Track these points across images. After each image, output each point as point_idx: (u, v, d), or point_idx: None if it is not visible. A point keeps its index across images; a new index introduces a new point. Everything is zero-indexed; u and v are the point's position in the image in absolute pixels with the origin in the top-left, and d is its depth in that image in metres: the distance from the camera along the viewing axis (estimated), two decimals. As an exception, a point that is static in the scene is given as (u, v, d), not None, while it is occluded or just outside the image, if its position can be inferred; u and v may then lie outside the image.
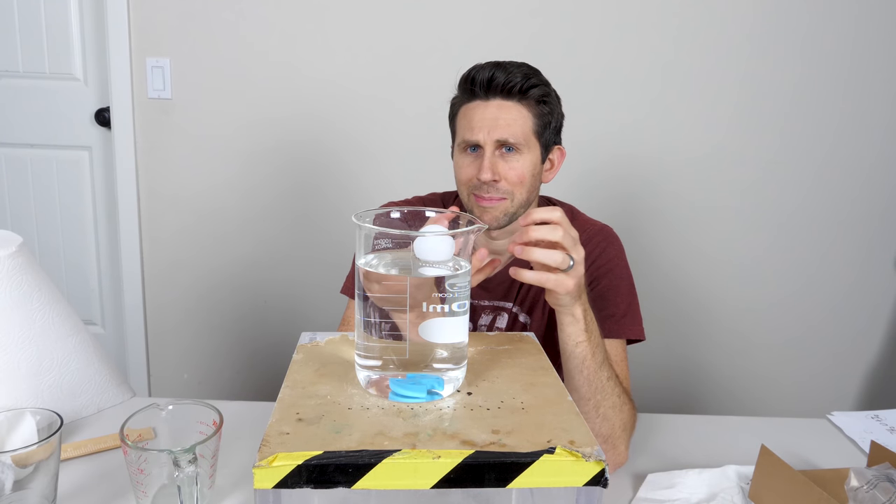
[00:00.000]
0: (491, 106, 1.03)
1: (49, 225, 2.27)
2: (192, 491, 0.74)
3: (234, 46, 2.04)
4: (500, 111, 1.03)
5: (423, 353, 0.62)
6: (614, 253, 1.11)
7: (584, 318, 0.86)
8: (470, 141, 1.04)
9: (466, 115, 1.06)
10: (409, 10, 2.01)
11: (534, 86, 1.03)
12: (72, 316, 1.02)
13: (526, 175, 1.05)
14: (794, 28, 2.02)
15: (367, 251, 0.63)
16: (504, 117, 1.03)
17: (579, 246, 0.80)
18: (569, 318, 0.85)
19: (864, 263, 2.20)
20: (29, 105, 2.17)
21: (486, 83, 1.02)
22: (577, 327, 0.85)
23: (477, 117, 1.04)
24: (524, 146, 1.04)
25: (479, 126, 1.03)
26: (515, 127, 1.03)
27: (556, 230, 0.78)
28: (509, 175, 1.04)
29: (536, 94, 1.04)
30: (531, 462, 0.53)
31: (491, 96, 1.03)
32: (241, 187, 2.14)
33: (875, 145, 2.11)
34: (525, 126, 1.04)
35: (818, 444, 1.06)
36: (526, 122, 1.04)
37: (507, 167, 1.04)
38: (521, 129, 1.03)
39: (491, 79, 1.02)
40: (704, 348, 2.25)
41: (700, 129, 2.08)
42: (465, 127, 1.05)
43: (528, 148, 1.05)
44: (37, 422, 0.77)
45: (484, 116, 1.03)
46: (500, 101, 1.03)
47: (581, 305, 0.85)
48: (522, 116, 1.04)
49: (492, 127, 1.02)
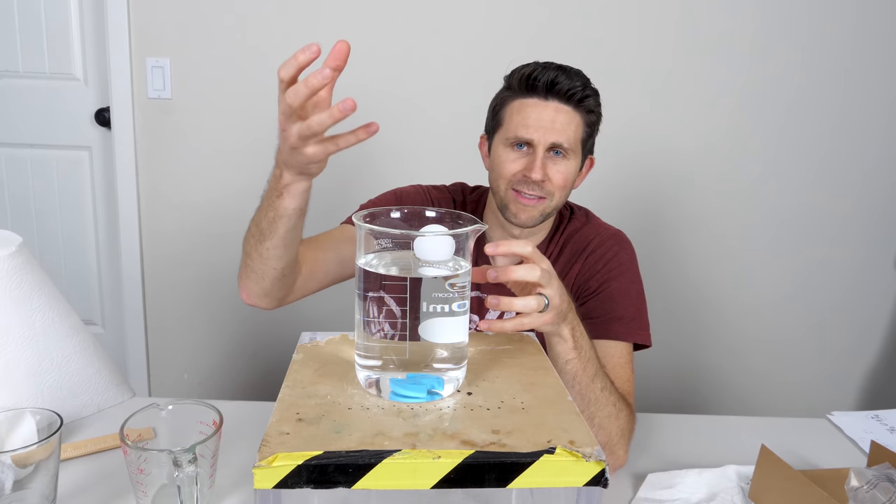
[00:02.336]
0: (549, 108, 1.04)
1: (49, 225, 2.27)
2: (192, 491, 0.74)
3: (234, 46, 2.04)
4: (557, 114, 1.04)
5: (423, 353, 0.62)
6: (626, 257, 1.12)
7: (571, 336, 0.84)
8: (523, 138, 1.05)
9: (522, 111, 1.06)
10: (409, 10, 2.01)
11: (588, 96, 1.06)
12: (72, 316, 1.02)
13: (569, 180, 1.08)
14: (794, 28, 2.02)
15: (368, 251, 0.63)
16: (560, 121, 1.04)
17: (553, 278, 0.78)
18: (556, 338, 0.84)
19: (864, 263, 2.20)
20: (29, 105, 2.17)
21: (549, 84, 1.04)
22: (565, 346, 0.85)
23: (534, 116, 1.04)
24: (571, 152, 1.06)
25: (535, 125, 1.04)
26: (569, 132, 1.05)
27: (534, 270, 0.75)
28: (556, 178, 1.06)
29: (590, 105, 1.06)
30: (531, 462, 0.53)
31: (550, 98, 1.05)
32: (241, 187, 2.14)
33: (875, 145, 2.11)
34: (576, 133, 1.06)
35: (818, 444, 1.06)
36: (577, 129, 1.06)
37: (554, 169, 1.06)
38: (574, 135, 1.06)
39: (554, 81, 1.03)
40: (704, 348, 2.25)
41: (698, 129, 2.08)
42: (520, 123, 1.06)
43: (574, 154, 1.07)
44: (37, 422, 0.77)
45: (541, 116, 1.04)
46: (558, 104, 1.05)
47: (568, 325, 0.83)
48: (575, 123, 1.06)
49: (548, 129, 1.04)
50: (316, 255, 1.08)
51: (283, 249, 0.94)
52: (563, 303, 0.79)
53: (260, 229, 0.92)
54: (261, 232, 0.92)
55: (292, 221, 0.89)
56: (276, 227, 0.90)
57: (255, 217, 0.94)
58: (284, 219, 0.88)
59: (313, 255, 1.07)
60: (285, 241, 0.92)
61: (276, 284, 1.01)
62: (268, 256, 0.95)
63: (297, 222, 0.91)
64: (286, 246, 0.93)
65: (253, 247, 0.96)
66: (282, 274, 0.99)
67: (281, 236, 0.91)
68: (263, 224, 0.91)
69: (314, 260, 1.08)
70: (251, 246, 0.96)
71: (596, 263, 1.10)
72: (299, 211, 0.89)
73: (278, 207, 0.87)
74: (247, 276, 1.01)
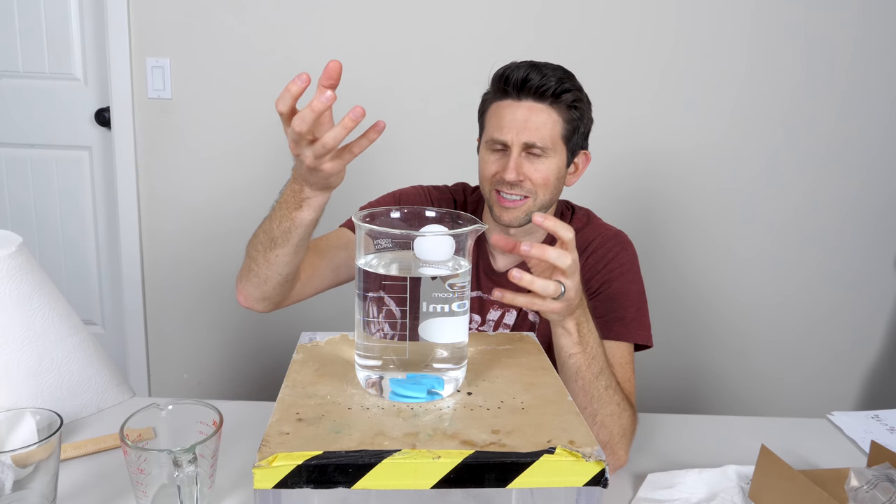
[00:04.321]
0: (522, 107, 1.03)
1: (49, 225, 2.27)
2: (192, 491, 0.74)
3: (234, 46, 2.04)
4: (530, 113, 1.03)
5: (423, 353, 0.62)
6: (627, 258, 1.11)
7: (576, 331, 0.84)
8: (498, 140, 1.05)
9: (497, 113, 1.05)
10: (410, 9, 2.01)
11: (566, 90, 1.03)
12: (72, 316, 1.02)
13: (550, 178, 1.06)
14: (793, 28, 2.02)
15: (368, 251, 0.63)
16: (534, 120, 1.03)
17: (577, 272, 0.78)
18: (560, 330, 0.84)
19: (864, 263, 2.20)
20: (29, 105, 2.17)
21: (519, 83, 1.02)
22: (569, 340, 0.85)
23: (507, 117, 1.04)
24: (551, 150, 1.04)
25: (508, 126, 1.03)
26: (544, 131, 1.03)
27: (566, 257, 0.75)
28: (534, 177, 1.04)
29: (568, 99, 1.04)
30: (531, 462, 0.53)
31: (523, 97, 1.03)
32: (241, 187, 2.14)
33: (875, 145, 2.11)
34: (554, 130, 1.04)
35: (818, 444, 1.06)
36: (555, 126, 1.04)
37: (532, 168, 1.04)
38: (550, 133, 1.04)
39: (525, 79, 1.02)
40: (704, 348, 2.25)
41: (698, 129, 2.08)
42: (495, 125, 1.05)
43: (555, 152, 1.05)
44: (37, 422, 0.77)
45: (514, 117, 1.03)
46: (531, 103, 1.03)
47: (574, 320, 0.83)
48: (552, 120, 1.04)
49: (521, 129, 1.02)
50: (314, 262, 1.09)
51: (292, 257, 0.96)
52: (576, 297, 0.80)
53: (271, 237, 0.94)
54: (272, 240, 0.94)
55: (308, 231, 0.92)
56: (291, 236, 0.91)
57: (265, 225, 0.95)
58: (300, 229, 0.90)
59: (311, 261, 1.08)
60: (297, 249, 0.94)
61: (277, 290, 1.02)
62: (276, 263, 0.96)
63: (311, 232, 0.93)
64: (296, 254, 0.95)
65: (261, 253, 0.97)
66: (285, 280, 1.00)
67: (294, 245, 0.93)
68: (276, 233, 0.92)
69: (312, 266, 1.09)
70: (258, 252, 0.97)
71: (597, 264, 1.10)
72: (315, 222, 0.91)
73: (295, 218, 0.89)
74: (248, 280, 1.02)
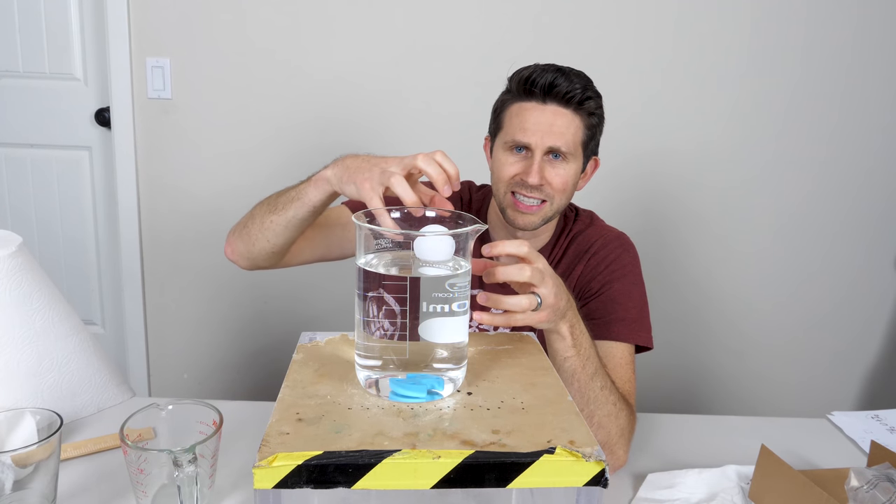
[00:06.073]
0: (547, 111, 1.03)
1: (49, 225, 2.26)
2: (192, 491, 0.74)
3: (234, 46, 2.04)
4: (555, 118, 1.03)
5: (423, 353, 0.62)
6: (629, 260, 1.12)
7: (570, 334, 0.84)
8: (520, 142, 1.05)
9: (520, 114, 1.05)
10: (411, 8, 2.01)
11: (589, 97, 1.04)
12: (72, 316, 1.02)
13: (569, 183, 1.07)
14: (794, 27, 2.02)
15: (368, 250, 0.63)
16: (559, 124, 1.03)
17: (547, 277, 0.77)
18: (554, 335, 0.84)
19: (864, 263, 2.20)
20: (29, 105, 2.17)
21: (546, 87, 1.02)
22: (563, 343, 0.84)
23: (532, 120, 1.04)
24: (571, 155, 1.05)
25: (532, 129, 1.03)
26: (568, 136, 1.04)
27: (524, 270, 0.74)
28: (555, 181, 1.05)
29: (591, 107, 1.05)
30: (531, 462, 0.53)
31: (549, 101, 1.03)
32: (241, 187, 2.14)
33: (875, 145, 2.11)
34: (576, 136, 1.05)
35: (818, 444, 1.06)
36: (577, 132, 1.05)
37: (553, 173, 1.05)
38: (573, 138, 1.05)
39: (553, 84, 1.02)
40: (704, 348, 2.25)
41: (697, 130, 2.08)
42: (518, 126, 1.05)
43: (575, 157, 1.06)
44: (37, 422, 0.77)
45: (539, 120, 1.03)
46: (556, 108, 1.03)
47: (567, 323, 0.83)
48: (575, 126, 1.04)
49: (546, 132, 1.03)
50: (310, 232, 1.10)
51: (283, 228, 1.00)
52: (559, 301, 0.79)
53: (275, 202, 1.00)
54: (275, 205, 1.00)
55: (307, 213, 0.97)
56: (290, 207, 0.97)
57: (279, 192, 1.01)
58: (302, 205, 0.95)
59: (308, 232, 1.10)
60: (289, 224, 0.99)
61: (262, 255, 1.07)
62: (267, 229, 1.01)
63: (307, 217, 0.98)
64: (287, 227, 1.00)
65: (259, 213, 1.02)
66: (272, 248, 1.04)
67: (289, 217, 0.98)
68: (281, 199, 0.99)
69: (304, 237, 1.09)
70: (259, 211, 1.03)
71: (598, 265, 1.10)
72: (317, 209, 0.96)
73: (301, 190, 0.95)
74: (239, 235, 1.07)
